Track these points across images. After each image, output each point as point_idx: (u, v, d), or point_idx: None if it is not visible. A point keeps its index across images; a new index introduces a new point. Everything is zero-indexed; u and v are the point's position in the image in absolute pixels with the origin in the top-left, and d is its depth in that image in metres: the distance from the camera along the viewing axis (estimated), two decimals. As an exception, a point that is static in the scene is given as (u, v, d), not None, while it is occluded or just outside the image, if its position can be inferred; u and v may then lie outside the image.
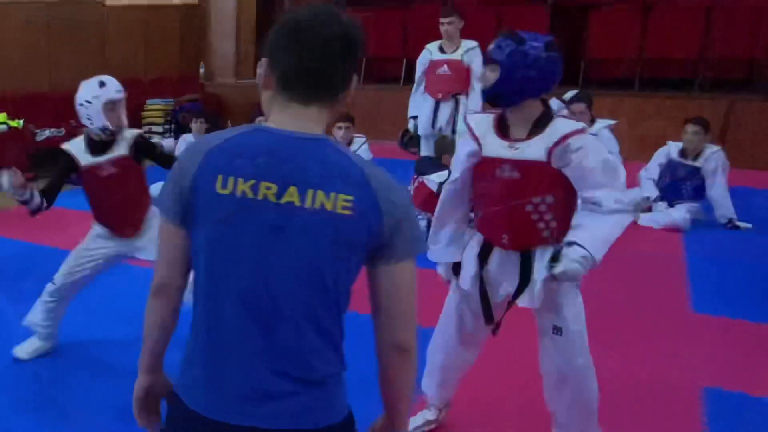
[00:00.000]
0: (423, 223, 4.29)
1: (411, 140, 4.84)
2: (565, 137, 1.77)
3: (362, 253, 1.01)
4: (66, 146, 2.67)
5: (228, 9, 8.42)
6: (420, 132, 4.73)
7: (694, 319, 3.33)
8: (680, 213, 4.63)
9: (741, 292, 3.61)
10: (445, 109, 4.57)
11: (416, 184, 4.20)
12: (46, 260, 4.01)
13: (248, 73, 8.55)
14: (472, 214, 2.08)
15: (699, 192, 4.70)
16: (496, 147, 1.87)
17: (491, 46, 1.87)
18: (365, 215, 0.98)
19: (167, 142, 7.27)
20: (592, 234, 1.77)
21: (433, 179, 4.05)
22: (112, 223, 2.69)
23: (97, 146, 2.61)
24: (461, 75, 4.50)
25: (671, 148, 4.83)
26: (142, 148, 2.70)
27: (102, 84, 2.56)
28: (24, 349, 2.81)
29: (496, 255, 1.96)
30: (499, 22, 7.18)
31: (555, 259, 1.80)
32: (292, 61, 1.01)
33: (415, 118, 4.74)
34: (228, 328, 1.02)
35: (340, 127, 5.15)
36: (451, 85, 4.53)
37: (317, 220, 0.97)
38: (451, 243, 2.05)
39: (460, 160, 2.00)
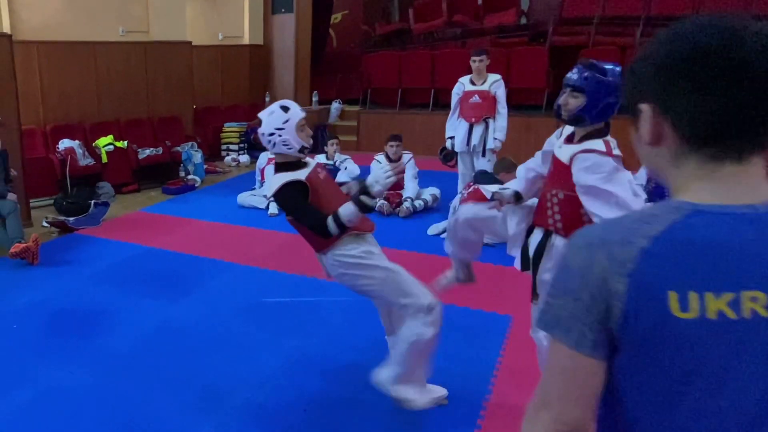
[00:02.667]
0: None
1: (448, 155, 4.73)
2: (583, 151, 1.74)
3: None
4: (284, 180, 2.02)
5: (287, 48, 8.28)
6: (457, 149, 4.64)
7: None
8: None
9: None
10: (478, 131, 4.54)
11: (471, 189, 4.14)
12: (154, 260, 3.94)
13: (304, 100, 8.53)
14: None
15: None
16: (556, 144, 1.90)
17: (573, 75, 1.77)
18: None
19: (243, 158, 7.24)
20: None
21: (488, 188, 4.06)
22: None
23: (297, 166, 2.07)
24: (490, 102, 4.51)
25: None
26: None
27: (286, 108, 2.08)
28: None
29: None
30: (508, 59, 7.14)
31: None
32: (724, 103, 0.58)
33: (452, 138, 4.68)
34: None
35: (392, 146, 4.98)
36: (482, 111, 4.52)
37: None
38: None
39: (544, 149, 2.00)
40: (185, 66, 6.71)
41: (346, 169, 5.11)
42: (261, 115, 2.10)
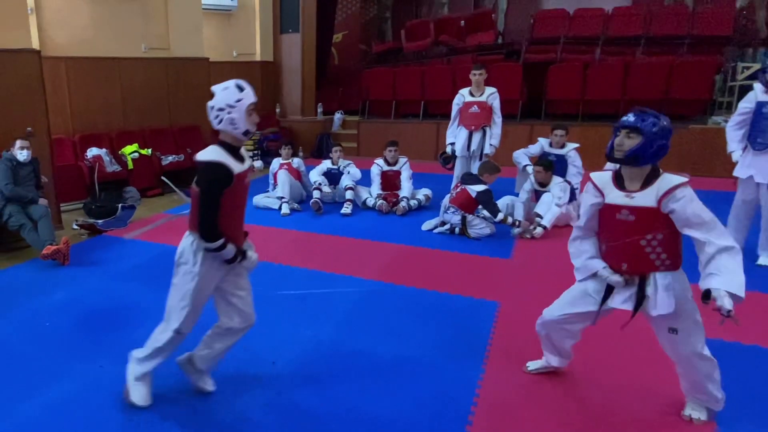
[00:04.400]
0: (457, 218, 3.95)
1: (447, 159, 4.62)
2: (672, 189, 1.62)
3: None
4: (212, 157, 1.69)
5: (295, 64, 8.03)
6: (458, 154, 4.54)
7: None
8: None
9: (690, 264, 3.15)
10: (477, 137, 4.45)
11: (459, 189, 4.09)
12: None
13: (310, 112, 8.28)
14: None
15: None
16: (615, 196, 1.72)
17: (630, 118, 1.68)
18: None
19: (257, 163, 6.96)
20: (728, 278, 1.58)
21: (473, 188, 3.99)
22: (234, 233, 1.82)
23: (236, 153, 1.76)
24: (487, 112, 4.42)
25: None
26: None
27: (241, 88, 1.73)
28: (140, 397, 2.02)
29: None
30: (488, 74, 7.07)
31: (707, 296, 1.60)
32: None
33: (452, 143, 4.56)
34: None
35: (390, 150, 4.88)
36: (480, 120, 4.42)
37: None
38: (591, 258, 1.84)
39: (586, 208, 1.82)
40: (203, 80, 6.40)
41: (349, 173, 4.91)
42: (214, 88, 1.76)
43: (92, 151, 5.29)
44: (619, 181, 1.72)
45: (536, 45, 7.48)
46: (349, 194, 4.72)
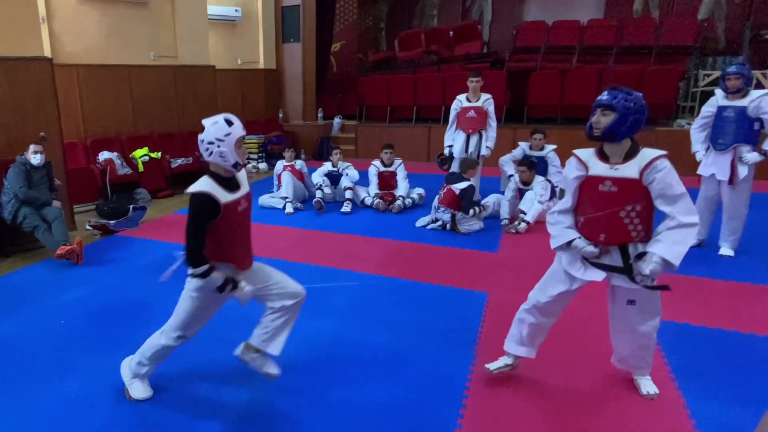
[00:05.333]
0: (447, 216, 3.94)
1: (444, 160, 4.55)
2: (653, 160, 1.60)
3: None
4: (203, 190, 1.65)
5: (296, 71, 7.90)
6: (456, 155, 4.49)
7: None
8: None
9: None
10: (473, 140, 4.42)
11: (446, 189, 4.11)
12: None
13: (311, 116, 8.15)
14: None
15: None
16: (600, 169, 1.69)
17: (604, 97, 1.65)
18: None
19: (262, 165, 6.86)
20: (669, 246, 1.58)
21: (457, 186, 4.05)
22: (240, 255, 1.77)
23: (228, 183, 1.71)
24: (483, 117, 4.39)
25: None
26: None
27: (230, 122, 1.70)
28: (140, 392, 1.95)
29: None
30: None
31: (639, 257, 1.62)
32: None
33: (450, 146, 4.52)
34: None
35: (386, 153, 4.83)
36: (477, 124, 4.39)
37: None
38: (568, 228, 1.78)
39: (568, 183, 1.76)
40: (210, 86, 6.28)
41: (347, 175, 4.85)
42: (205, 122, 1.71)
43: (104, 155, 5.13)
44: (602, 154, 1.71)
45: (518, 54, 7.52)
46: (348, 194, 4.68)
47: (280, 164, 5.03)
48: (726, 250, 3.24)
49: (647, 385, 1.87)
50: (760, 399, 1.81)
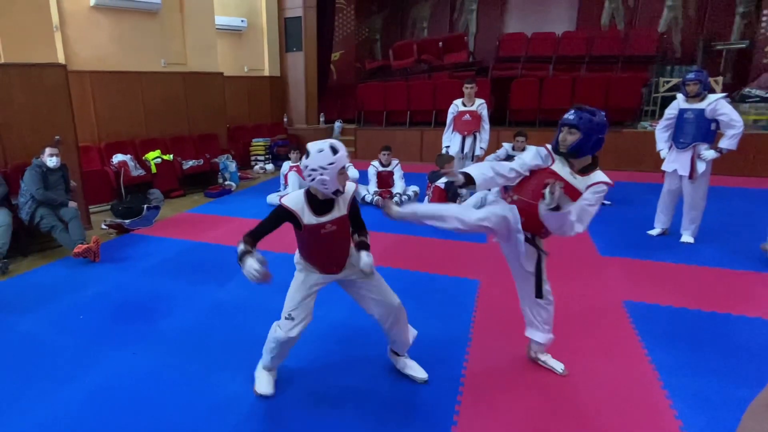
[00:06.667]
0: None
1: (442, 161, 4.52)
2: (598, 183, 1.62)
3: None
4: (287, 203, 1.57)
5: (299, 78, 7.68)
6: (453, 155, 4.40)
7: (603, 260, 3.00)
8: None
9: (627, 243, 3.28)
10: (469, 142, 4.37)
11: (432, 188, 4.08)
12: (201, 253, 3.35)
13: (313, 121, 7.96)
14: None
15: None
16: (564, 172, 1.65)
17: (570, 116, 1.62)
18: None
19: (268, 166, 6.65)
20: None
21: (440, 183, 4.04)
22: (321, 264, 1.69)
23: (320, 205, 1.57)
24: (477, 120, 4.33)
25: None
26: (353, 206, 1.65)
27: (335, 151, 1.51)
28: (261, 386, 1.78)
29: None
30: (461, 88, 7.18)
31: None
32: None
33: (447, 147, 4.48)
34: None
35: (384, 154, 4.73)
36: (471, 126, 4.34)
37: None
38: (490, 179, 1.70)
39: (525, 162, 1.69)
40: (218, 92, 6.02)
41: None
42: (310, 147, 1.53)
43: (117, 157, 4.87)
44: (570, 164, 1.69)
45: (501, 63, 7.47)
46: (349, 192, 4.57)
47: (286, 165, 4.88)
48: (687, 238, 3.28)
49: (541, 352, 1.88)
50: (723, 370, 1.84)
